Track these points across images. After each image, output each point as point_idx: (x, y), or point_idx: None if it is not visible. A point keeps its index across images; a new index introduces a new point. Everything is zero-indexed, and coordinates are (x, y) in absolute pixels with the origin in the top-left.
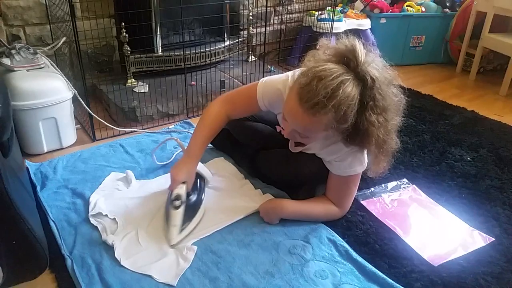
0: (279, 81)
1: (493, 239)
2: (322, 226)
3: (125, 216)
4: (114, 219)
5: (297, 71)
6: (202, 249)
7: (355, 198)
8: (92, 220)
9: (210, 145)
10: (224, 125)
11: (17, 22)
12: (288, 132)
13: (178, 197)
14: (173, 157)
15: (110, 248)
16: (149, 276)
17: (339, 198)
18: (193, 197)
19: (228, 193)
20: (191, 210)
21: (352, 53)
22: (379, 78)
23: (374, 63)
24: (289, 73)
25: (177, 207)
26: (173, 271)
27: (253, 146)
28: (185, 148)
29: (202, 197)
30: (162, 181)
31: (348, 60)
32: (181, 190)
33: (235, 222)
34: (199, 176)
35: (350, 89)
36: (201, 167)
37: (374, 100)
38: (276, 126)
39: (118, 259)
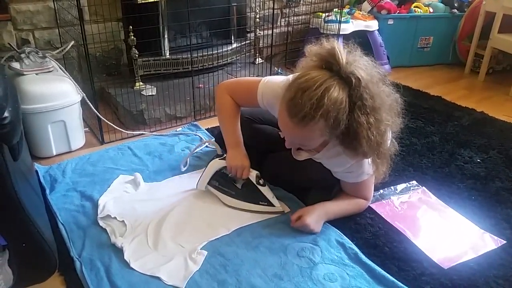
0: (280, 84)
1: (505, 241)
2: (331, 229)
3: (134, 218)
4: (123, 221)
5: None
6: (210, 252)
7: None
8: (101, 223)
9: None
10: (239, 110)
11: (26, 26)
12: (288, 142)
13: (258, 176)
14: (187, 162)
15: (118, 251)
16: (158, 278)
17: (361, 195)
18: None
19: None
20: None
21: (332, 56)
22: (365, 77)
23: (358, 62)
24: (290, 77)
25: (263, 184)
26: (181, 273)
27: (261, 149)
28: (219, 148)
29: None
30: (171, 184)
31: (330, 64)
32: (253, 173)
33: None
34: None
35: (336, 94)
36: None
37: (362, 99)
38: (279, 133)
39: (128, 261)
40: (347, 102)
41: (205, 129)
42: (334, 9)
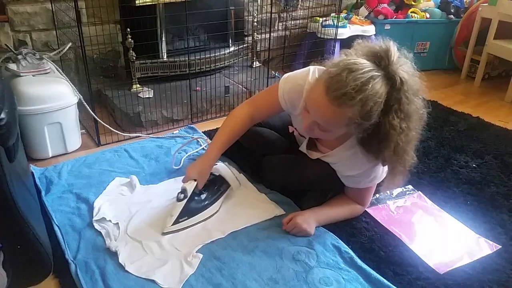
0: (300, 76)
1: (500, 246)
2: (326, 233)
3: (129, 221)
4: (118, 224)
5: (318, 67)
6: (206, 255)
7: None
8: (96, 225)
9: None
10: (248, 127)
11: (23, 27)
12: (308, 124)
13: (183, 191)
14: (181, 162)
15: (114, 253)
16: (153, 281)
17: (361, 201)
18: (203, 196)
19: (236, 199)
20: (195, 208)
21: (385, 52)
22: (408, 81)
23: (405, 66)
24: (310, 68)
25: (179, 200)
26: (177, 277)
27: (258, 152)
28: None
29: (215, 200)
30: (166, 186)
31: (380, 59)
32: (189, 185)
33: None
34: (222, 180)
35: (379, 86)
36: (229, 174)
37: (400, 103)
38: (289, 126)
39: (123, 264)
40: (384, 100)
41: (202, 132)
42: (332, 14)
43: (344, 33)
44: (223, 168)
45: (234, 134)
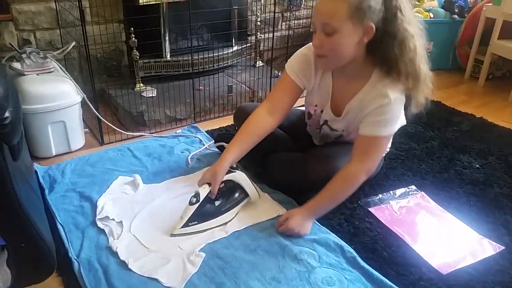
0: (303, 48)
1: (503, 247)
2: (329, 233)
3: (132, 219)
4: (121, 222)
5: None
6: (208, 254)
7: (362, 205)
8: (99, 224)
9: (217, 150)
10: (268, 124)
11: (28, 26)
12: (316, 36)
13: (196, 195)
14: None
15: (116, 252)
16: (156, 280)
17: (369, 159)
18: (217, 203)
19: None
20: (207, 214)
21: None
22: None
23: None
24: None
25: (191, 203)
26: (179, 275)
27: (263, 148)
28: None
29: (229, 208)
30: (169, 185)
31: None
32: (203, 190)
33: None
34: (240, 189)
35: None
36: (249, 185)
37: (401, 9)
38: (306, 113)
39: (126, 262)
40: (385, 8)
41: (205, 131)
42: None
43: None
44: (243, 178)
45: (251, 135)
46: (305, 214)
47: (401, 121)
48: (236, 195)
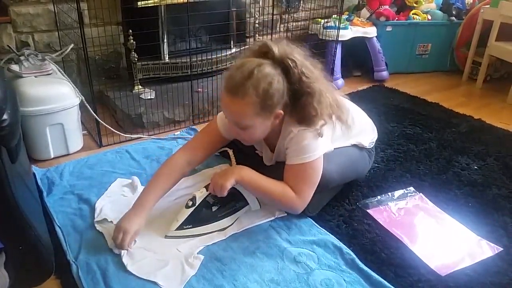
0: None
1: (501, 249)
2: (328, 235)
3: None
4: None
5: None
6: (207, 257)
7: (361, 207)
8: (98, 226)
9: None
10: (184, 172)
11: (26, 29)
12: (234, 131)
13: (193, 199)
14: None
15: (115, 254)
16: (154, 282)
17: (296, 184)
18: (214, 209)
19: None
20: (202, 218)
21: (265, 46)
22: (301, 60)
23: (295, 50)
24: None
25: (187, 206)
26: (178, 278)
27: (251, 152)
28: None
29: (226, 215)
30: None
31: (264, 53)
32: (200, 194)
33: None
34: (240, 198)
35: (268, 69)
36: (249, 194)
37: (304, 74)
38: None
39: (125, 264)
40: (284, 80)
41: None
42: (333, 16)
43: (346, 34)
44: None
45: (166, 182)
46: (234, 171)
47: (323, 147)
48: (236, 202)
